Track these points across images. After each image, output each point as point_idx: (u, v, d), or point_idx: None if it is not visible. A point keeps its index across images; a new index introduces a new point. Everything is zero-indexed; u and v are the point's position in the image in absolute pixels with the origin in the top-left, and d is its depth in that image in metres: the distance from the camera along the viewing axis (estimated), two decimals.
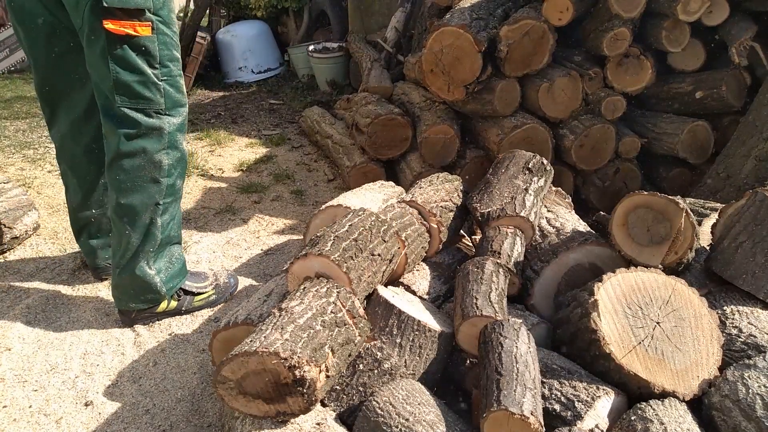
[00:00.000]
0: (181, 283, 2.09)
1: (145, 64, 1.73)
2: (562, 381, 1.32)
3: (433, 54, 2.64)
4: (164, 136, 1.83)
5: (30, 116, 4.43)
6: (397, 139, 3.06)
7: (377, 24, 5.02)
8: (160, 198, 1.88)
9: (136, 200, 1.85)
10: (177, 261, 2.05)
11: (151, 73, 1.75)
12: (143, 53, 1.72)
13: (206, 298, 2.16)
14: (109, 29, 1.63)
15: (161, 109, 1.80)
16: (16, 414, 1.69)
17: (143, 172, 1.83)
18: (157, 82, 1.77)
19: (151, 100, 1.78)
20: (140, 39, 1.69)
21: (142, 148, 1.80)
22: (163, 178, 1.87)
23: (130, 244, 1.89)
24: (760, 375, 1.24)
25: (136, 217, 1.87)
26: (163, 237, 1.95)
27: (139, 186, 1.84)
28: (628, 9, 2.49)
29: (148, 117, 1.79)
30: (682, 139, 2.63)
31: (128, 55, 1.69)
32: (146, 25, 1.68)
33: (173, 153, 1.87)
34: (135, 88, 1.74)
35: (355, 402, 1.32)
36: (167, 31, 1.76)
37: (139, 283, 1.95)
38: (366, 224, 1.53)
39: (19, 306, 2.15)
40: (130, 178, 1.83)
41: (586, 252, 1.72)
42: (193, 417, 1.69)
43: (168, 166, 1.87)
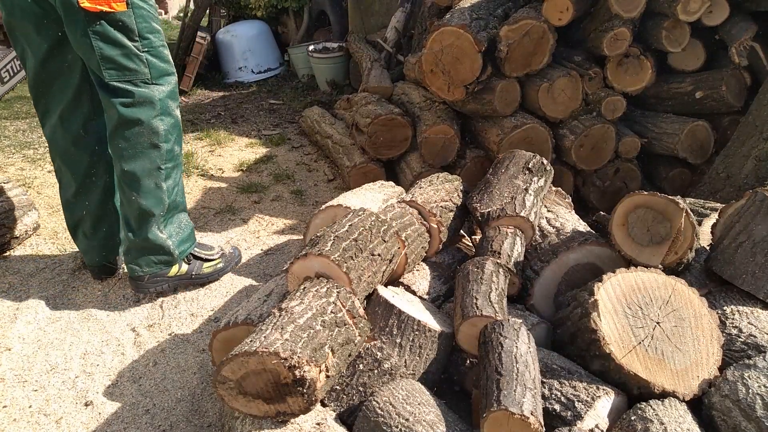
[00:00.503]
0: (191, 248, 2.22)
1: (124, 37, 1.83)
2: (562, 381, 1.32)
3: (433, 54, 2.64)
4: (156, 103, 1.93)
5: (30, 116, 4.43)
6: (397, 139, 3.06)
7: (377, 24, 5.02)
8: (161, 162, 2.00)
9: (138, 166, 1.97)
10: (186, 227, 2.19)
11: (132, 45, 1.86)
12: (121, 28, 1.82)
13: (214, 265, 2.28)
14: (86, 7, 1.74)
15: (147, 78, 1.91)
16: (16, 414, 1.69)
17: (142, 138, 1.94)
18: (139, 54, 1.87)
19: (136, 71, 1.88)
20: (116, 14, 1.79)
21: (138, 117, 1.91)
22: (162, 143, 1.98)
23: (139, 209, 2.01)
24: (760, 375, 1.24)
25: (141, 182, 1.99)
26: (170, 201, 2.07)
27: (140, 152, 1.96)
28: (628, 9, 2.49)
29: (136, 87, 1.90)
30: (682, 139, 2.63)
31: (107, 30, 1.80)
32: (120, 1, 1.78)
33: (167, 119, 1.98)
34: (120, 61, 1.84)
35: (355, 402, 1.32)
36: (143, 4, 1.85)
37: (151, 246, 2.07)
38: (366, 224, 1.53)
39: (19, 306, 2.15)
40: (131, 145, 1.94)
41: (586, 252, 1.72)
42: (193, 417, 1.69)
43: (164, 131, 1.98)
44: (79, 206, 2.16)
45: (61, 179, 2.16)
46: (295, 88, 5.43)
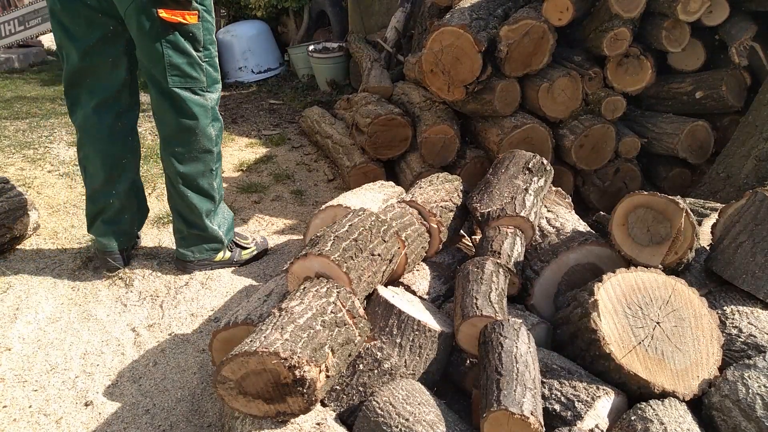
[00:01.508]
0: (233, 235, 2.43)
1: (191, 47, 1.98)
2: (562, 381, 1.32)
3: (433, 54, 2.64)
4: (209, 110, 2.10)
5: (30, 116, 4.43)
6: (397, 139, 3.06)
7: (377, 24, 5.02)
8: (213, 164, 2.21)
9: (194, 168, 2.16)
10: (228, 216, 2.40)
11: (197, 55, 2.00)
12: (190, 38, 1.97)
13: (251, 252, 2.47)
14: (163, 17, 1.87)
15: (204, 86, 2.07)
16: (16, 414, 1.69)
17: (198, 144, 2.12)
18: (201, 63, 2.03)
19: (197, 80, 2.04)
20: (188, 26, 1.94)
21: (196, 124, 2.07)
22: (214, 147, 2.18)
23: (195, 206, 2.20)
24: (760, 375, 1.24)
25: (197, 182, 2.18)
26: (219, 196, 2.30)
27: (196, 156, 2.14)
28: (628, 9, 2.49)
29: (194, 94, 2.05)
30: (682, 139, 2.63)
31: (179, 40, 1.94)
32: (194, 14, 1.93)
33: (216, 124, 2.17)
34: (185, 69, 1.99)
35: (355, 402, 1.32)
36: (209, 18, 2.01)
37: (207, 237, 2.29)
38: (366, 224, 1.53)
39: (19, 306, 2.15)
40: (188, 150, 2.12)
41: (586, 252, 1.72)
42: (193, 417, 1.69)
43: (215, 136, 2.17)
44: (105, 195, 2.23)
45: (86, 167, 2.21)
46: (295, 88, 5.43)
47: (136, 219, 2.39)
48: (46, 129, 4.10)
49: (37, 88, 5.52)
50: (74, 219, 2.81)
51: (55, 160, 3.50)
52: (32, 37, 4.27)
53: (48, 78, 6.02)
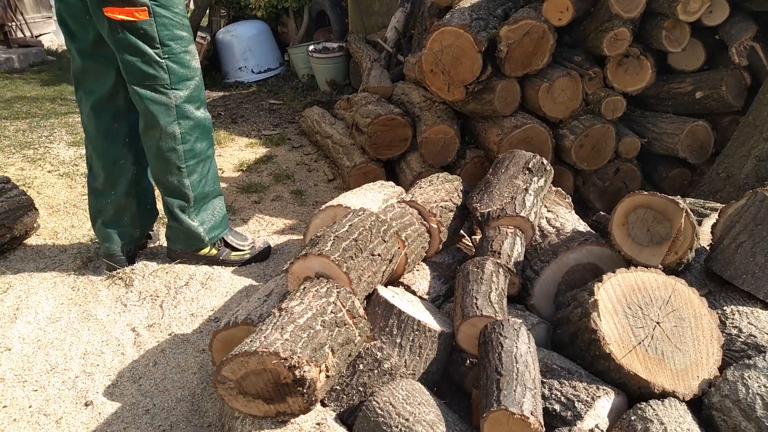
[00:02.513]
0: (223, 234, 2.40)
1: (145, 45, 1.91)
2: (562, 381, 1.32)
3: (433, 54, 2.64)
4: (172, 108, 2.04)
5: (30, 116, 4.43)
6: (397, 139, 3.06)
7: (377, 24, 5.02)
8: (180, 163, 2.13)
9: (159, 166, 2.14)
10: (218, 213, 2.36)
11: (153, 52, 1.93)
12: (142, 36, 1.90)
13: (242, 255, 2.44)
14: (109, 16, 1.84)
15: (167, 84, 2.00)
16: (16, 414, 1.69)
17: (161, 142, 2.07)
18: (159, 60, 1.95)
19: (155, 77, 1.97)
20: (137, 23, 1.87)
21: (156, 122, 2.03)
22: (179, 145, 2.10)
23: (168, 202, 2.22)
24: (760, 375, 1.24)
25: (164, 180, 2.17)
26: (196, 194, 2.23)
27: (161, 155, 2.10)
28: (628, 9, 2.49)
29: (155, 92, 2.00)
30: (682, 139, 2.63)
31: (128, 38, 1.89)
32: (142, 10, 1.86)
33: (185, 122, 2.09)
34: (139, 67, 1.94)
35: (355, 402, 1.32)
36: (165, 13, 1.92)
37: (185, 232, 2.28)
38: (366, 224, 1.53)
39: (19, 306, 2.15)
40: (153, 147, 2.10)
41: (586, 252, 1.72)
42: (193, 417, 1.69)
43: (181, 134, 2.09)
44: (105, 195, 2.26)
45: (91, 167, 2.26)
46: (295, 88, 5.43)
47: (139, 220, 2.36)
48: (46, 129, 4.10)
49: (37, 88, 5.52)
50: (74, 219, 2.81)
51: (55, 160, 3.50)
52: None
53: (48, 78, 6.02)
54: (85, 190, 3.12)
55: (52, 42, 8.15)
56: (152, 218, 2.47)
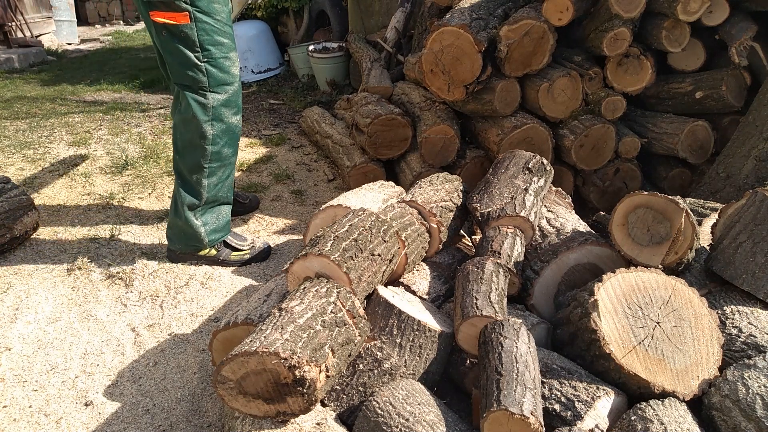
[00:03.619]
0: (223, 237, 2.44)
1: (185, 48, 2.02)
2: (562, 381, 1.32)
3: (433, 54, 2.64)
4: (209, 109, 2.14)
5: (30, 116, 4.43)
6: (397, 139, 3.06)
7: (377, 24, 5.02)
8: (204, 162, 2.21)
9: (185, 161, 2.22)
10: (223, 219, 2.41)
11: (193, 56, 2.04)
12: (182, 39, 2.01)
13: (241, 255, 2.47)
14: (154, 20, 1.97)
15: (205, 86, 2.11)
16: (16, 414, 1.69)
17: (192, 138, 2.17)
18: (199, 64, 2.06)
19: (194, 79, 2.08)
20: (179, 26, 1.98)
21: (192, 118, 2.13)
22: (208, 145, 2.19)
23: (181, 196, 2.26)
24: (760, 375, 1.24)
25: (185, 175, 2.25)
26: (209, 196, 2.30)
27: (189, 150, 2.19)
28: (628, 9, 2.49)
29: (193, 93, 2.11)
30: (682, 139, 2.63)
31: (171, 41, 2.01)
32: (184, 15, 1.97)
33: (218, 125, 2.18)
34: (179, 69, 2.07)
35: (355, 402, 1.32)
36: (206, 19, 2.02)
37: (186, 230, 2.32)
38: (366, 224, 1.53)
39: (19, 306, 2.15)
40: (183, 141, 2.19)
41: (586, 252, 1.72)
42: (193, 417, 1.69)
43: (212, 135, 2.18)
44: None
45: None
46: (295, 88, 5.43)
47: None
48: (46, 129, 4.10)
49: (37, 88, 5.52)
50: (74, 219, 2.81)
51: (55, 160, 3.50)
52: None
53: (48, 78, 6.02)
54: (84, 189, 3.12)
55: (52, 42, 8.15)
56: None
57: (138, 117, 4.52)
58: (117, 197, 3.03)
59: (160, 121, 4.41)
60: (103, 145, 3.80)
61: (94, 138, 3.94)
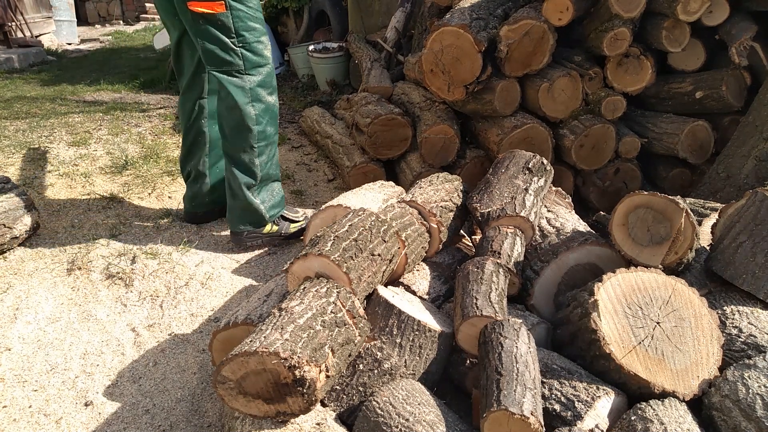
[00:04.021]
0: (281, 212, 2.58)
1: (222, 34, 2.17)
2: (562, 381, 1.32)
3: (433, 54, 2.64)
4: (247, 91, 2.27)
5: (30, 116, 4.43)
6: (397, 139, 3.06)
7: (377, 24, 5.02)
8: (254, 142, 2.35)
9: (236, 144, 2.35)
10: (277, 194, 2.56)
11: (229, 41, 2.19)
12: (220, 26, 2.16)
13: (299, 225, 2.62)
14: (192, 9, 2.10)
15: (241, 69, 2.25)
16: (16, 414, 1.69)
17: (238, 122, 2.30)
18: (235, 48, 2.21)
19: (231, 63, 2.23)
20: (216, 15, 2.13)
21: (234, 102, 2.26)
22: (254, 125, 2.32)
23: (236, 178, 2.39)
24: (760, 375, 1.24)
25: (238, 156, 2.37)
26: (263, 174, 2.43)
27: (237, 133, 2.33)
28: (628, 9, 2.49)
29: (230, 76, 2.25)
30: (682, 139, 2.63)
31: (208, 29, 2.16)
32: (220, 4, 2.11)
33: (258, 105, 2.32)
34: (218, 54, 2.20)
35: (355, 402, 1.32)
36: (240, 6, 2.18)
37: (247, 209, 2.45)
38: (366, 224, 1.53)
39: (19, 306, 2.15)
40: (230, 127, 2.32)
41: (586, 252, 1.72)
42: (193, 417, 1.69)
43: (256, 115, 2.32)
44: (187, 165, 2.65)
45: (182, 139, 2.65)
46: (295, 88, 5.42)
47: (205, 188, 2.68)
48: (46, 129, 4.10)
49: (37, 88, 5.52)
50: (74, 219, 2.81)
51: (55, 160, 3.50)
52: None
53: (48, 78, 6.02)
54: (84, 189, 3.12)
55: (52, 42, 8.15)
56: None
57: (138, 117, 4.52)
58: (117, 197, 3.03)
59: (160, 121, 4.41)
60: (103, 145, 3.80)
61: (94, 138, 3.94)
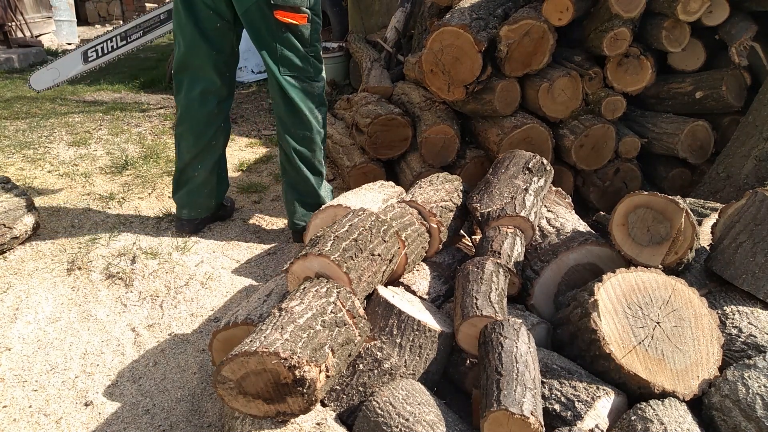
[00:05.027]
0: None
1: (300, 44, 2.30)
2: (562, 381, 1.33)
3: (433, 54, 2.64)
4: (316, 96, 2.42)
5: (30, 116, 4.43)
6: (397, 139, 3.06)
7: (377, 24, 5.02)
8: (321, 145, 2.52)
9: (308, 146, 2.46)
10: (328, 187, 2.70)
11: (304, 51, 2.32)
12: (299, 36, 2.29)
13: None
14: (279, 18, 2.20)
15: (311, 75, 2.38)
16: (16, 414, 1.69)
17: (309, 125, 2.41)
18: (308, 56, 2.35)
19: (304, 70, 2.35)
20: (299, 26, 2.26)
21: (303, 108, 2.37)
22: (323, 128, 2.49)
23: (309, 179, 2.51)
24: (760, 375, 1.24)
25: (309, 158, 2.49)
26: (324, 171, 2.60)
27: (308, 135, 2.44)
28: (628, 9, 2.49)
29: (302, 82, 2.36)
30: (682, 139, 2.63)
31: (290, 38, 2.27)
32: (303, 17, 2.25)
33: (323, 109, 2.48)
34: (294, 62, 2.31)
35: (355, 402, 1.32)
36: (317, 20, 2.33)
37: (318, 204, 2.49)
38: (366, 224, 1.53)
39: (19, 306, 2.15)
40: (301, 130, 2.41)
41: (586, 252, 1.72)
42: (193, 417, 1.69)
43: (322, 118, 2.48)
44: (192, 168, 2.57)
45: (179, 144, 2.55)
46: None
47: (215, 193, 2.68)
48: (46, 129, 4.10)
49: None
50: (74, 219, 2.81)
51: (55, 160, 3.50)
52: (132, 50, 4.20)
53: None
54: (84, 189, 3.13)
55: (52, 42, 8.15)
56: (224, 191, 2.77)
57: (138, 117, 4.52)
58: (117, 197, 3.03)
59: (160, 121, 4.41)
60: (103, 145, 3.80)
61: (94, 138, 3.94)
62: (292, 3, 2.20)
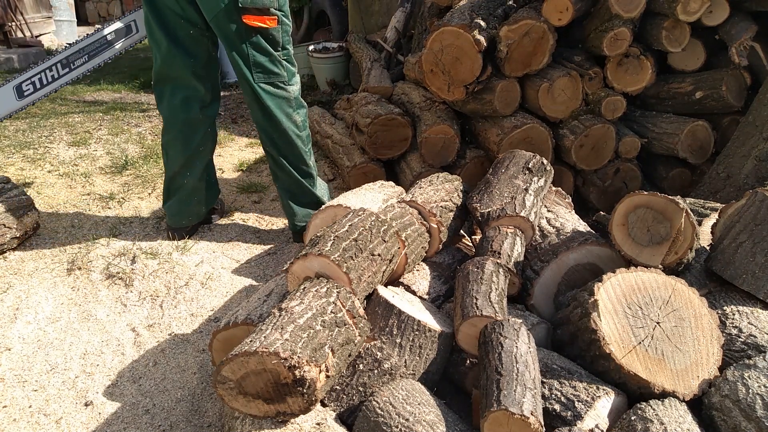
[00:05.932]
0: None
1: (271, 48, 2.26)
2: (562, 381, 1.32)
3: (433, 54, 2.64)
4: (292, 100, 2.39)
5: (30, 116, 4.43)
6: (397, 139, 3.06)
7: (377, 24, 5.02)
8: (305, 147, 2.49)
9: (292, 153, 2.46)
10: (323, 184, 2.71)
11: (276, 54, 2.28)
12: (270, 40, 2.25)
13: None
14: (247, 23, 2.15)
15: (285, 80, 2.34)
16: (16, 414, 1.69)
17: (289, 131, 2.39)
18: (281, 60, 2.31)
19: (278, 74, 2.31)
20: (269, 29, 2.21)
21: (280, 113, 2.34)
22: (302, 132, 2.46)
23: (301, 182, 2.52)
24: (760, 375, 1.24)
25: (297, 163, 2.49)
26: (314, 172, 2.59)
27: (290, 142, 2.42)
28: (628, 9, 2.49)
29: (277, 88, 2.32)
30: (682, 139, 2.63)
31: (260, 42, 2.22)
32: (273, 19, 2.21)
33: (301, 111, 2.45)
34: (267, 66, 2.27)
35: (355, 402, 1.32)
36: (287, 21, 2.28)
37: (314, 203, 2.59)
38: (366, 224, 1.53)
39: (19, 306, 2.15)
40: (281, 137, 2.39)
41: (586, 252, 1.72)
42: (193, 417, 1.69)
43: (301, 122, 2.45)
44: (181, 176, 2.54)
45: (167, 152, 2.52)
46: None
47: (205, 200, 2.66)
48: (46, 129, 4.10)
49: None
50: (74, 219, 2.81)
51: (55, 160, 3.50)
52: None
53: None
54: (84, 189, 3.13)
55: (51, 42, 8.15)
56: (214, 197, 2.75)
57: (138, 117, 4.52)
58: (117, 197, 3.03)
59: (159, 121, 4.40)
60: (103, 145, 3.80)
61: (94, 138, 3.94)
62: (260, 4, 2.14)
